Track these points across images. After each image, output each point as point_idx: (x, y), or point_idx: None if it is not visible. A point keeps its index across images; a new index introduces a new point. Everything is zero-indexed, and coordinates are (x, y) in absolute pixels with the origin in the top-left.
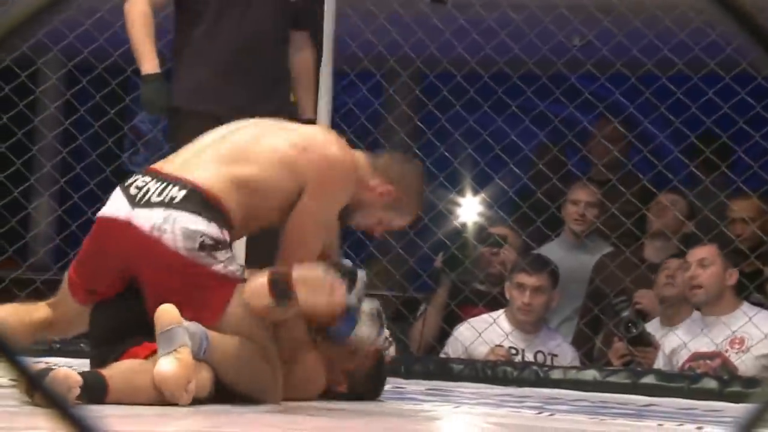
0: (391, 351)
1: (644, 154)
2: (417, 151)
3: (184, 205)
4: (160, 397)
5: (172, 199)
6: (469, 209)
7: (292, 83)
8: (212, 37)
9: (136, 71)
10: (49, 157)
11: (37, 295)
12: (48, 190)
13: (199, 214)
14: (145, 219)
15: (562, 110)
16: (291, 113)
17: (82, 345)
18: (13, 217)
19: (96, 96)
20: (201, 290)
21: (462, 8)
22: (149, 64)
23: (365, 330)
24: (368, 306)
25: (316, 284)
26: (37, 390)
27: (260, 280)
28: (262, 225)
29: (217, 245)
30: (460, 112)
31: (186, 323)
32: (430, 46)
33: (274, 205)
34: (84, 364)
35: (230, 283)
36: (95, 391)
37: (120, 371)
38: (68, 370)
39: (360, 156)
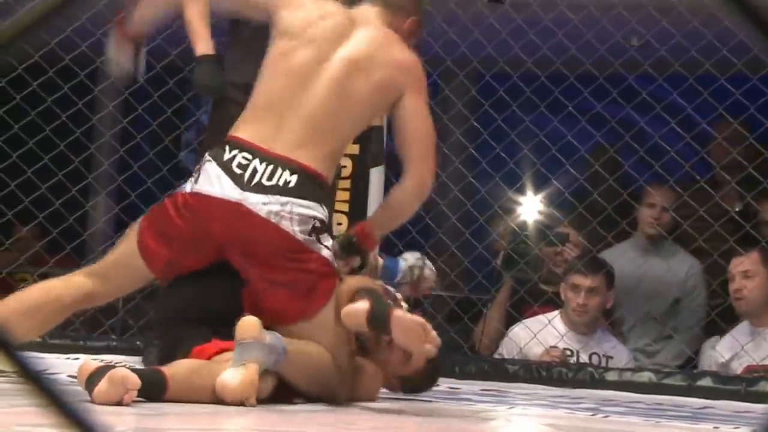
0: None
1: (702, 155)
2: (473, 152)
3: (298, 190)
4: (217, 400)
5: (287, 183)
6: (528, 209)
7: None
8: (262, 35)
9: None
10: (107, 155)
11: None
12: (106, 188)
13: (312, 198)
14: (261, 204)
15: (619, 111)
16: None
17: (138, 343)
18: (70, 215)
19: (154, 95)
20: (311, 275)
21: (519, 8)
22: (204, 45)
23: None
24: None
25: (413, 329)
26: (37, 386)
27: (361, 307)
28: None
29: (323, 228)
30: (516, 112)
31: (267, 335)
32: (487, 46)
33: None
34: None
35: (333, 275)
36: (154, 389)
37: (181, 371)
38: (126, 371)
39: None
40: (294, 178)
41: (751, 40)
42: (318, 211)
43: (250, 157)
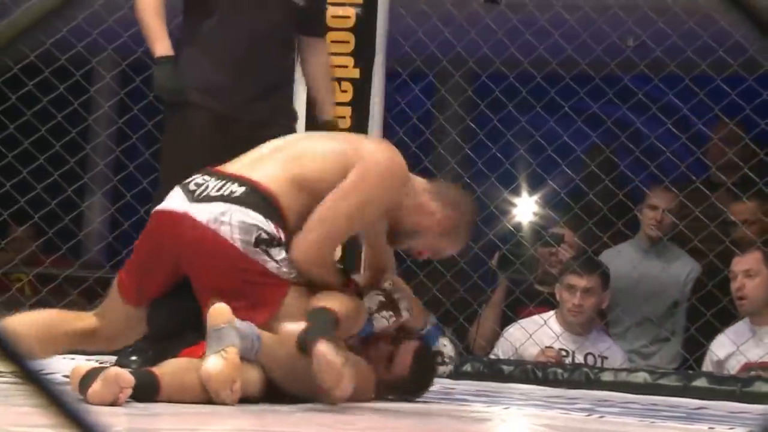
0: (448, 369)
1: (698, 156)
2: (469, 152)
3: (242, 199)
4: (209, 396)
5: (232, 193)
6: (524, 209)
7: (311, 86)
8: (221, 33)
9: None
10: (103, 155)
11: (90, 293)
12: (101, 188)
13: (257, 209)
14: (203, 212)
15: (615, 111)
16: (291, 117)
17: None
18: (66, 215)
19: (149, 95)
20: (255, 287)
21: (515, 8)
22: (161, 46)
23: (380, 325)
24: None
25: (327, 372)
26: (36, 386)
27: (293, 329)
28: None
29: (273, 241)
30: (512, 112)
31: (238, 323)
32: (483, 46)
33: None
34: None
35: (284, 282)
36: (147, 389)
37: (171, 370)
38: (120, 369)
39: (421, 180)
40: (240, 189)
41: (748, 41)
42: (262, 222)
43: (208, 177)
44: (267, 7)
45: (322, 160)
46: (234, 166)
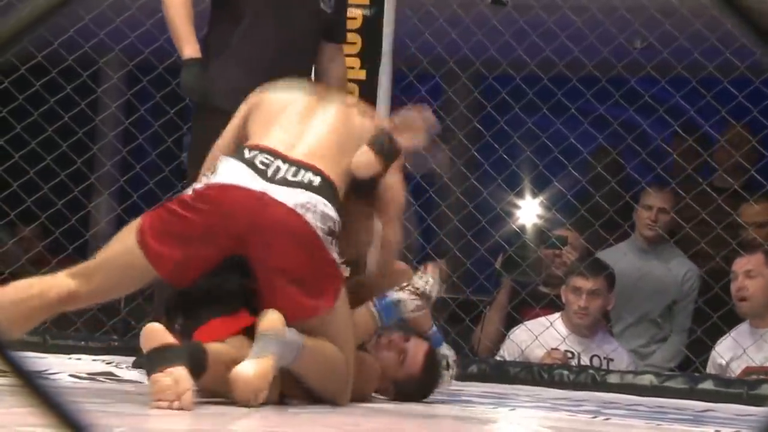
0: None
1: (705, 158)
2: (475, 154)
3: (321, 191)
4: (229, 390)
5: (311, 182)
6: (529, 211)
7: None
8: (248, 39)
9: None
10: (110, 156)
11: None
12: (108, 189)
13: (332, 202)
14: (287, 196)
15: (621, 113)
16: None
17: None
18: (73, 216)
19: (156, 96)
20: (323, 275)
21: (522, 10)
22: (190, 48)
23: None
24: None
25: (414, 126)
26: (30, 387)
27: (366, 149)
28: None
29: (336, 235)
30: (519, 114)
31: (287, 331)
32: (490, 47)
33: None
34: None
35: (342, 276)
36: (197, 368)
37: (217, 358)
38: (185, 375)
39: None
40: (317, 179)
41: (751, 43)
42: (335, 215)
43: (271, 158)
44: (295, 13)
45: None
46: (289, 148)
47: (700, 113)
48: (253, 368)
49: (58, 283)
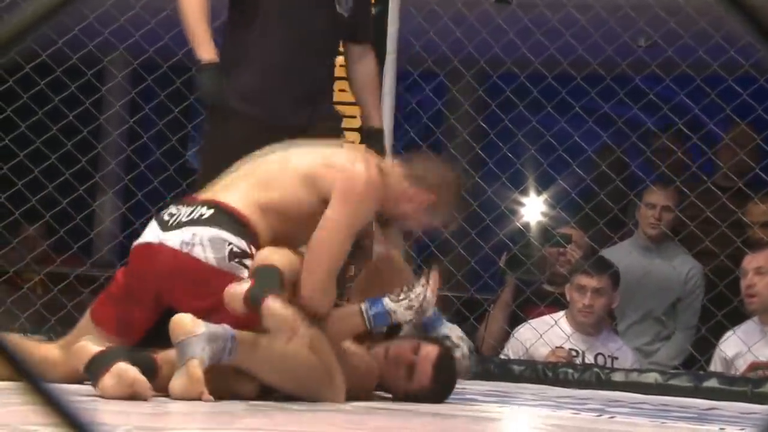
0: (463, 351)
1: (709, 156)
2: (480, 152)
3: (211, 220)
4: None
5: (201, 216)
6: (533, 209)
7: (356, 93)
8: (263, 41)
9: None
10: (114, 154)
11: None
12: (112, 187)
13: (226, 228)
14: (175, 238)
15: (626, 111)
16: (334, 125)
17: None
18: (77, 214)
19: (161, 94)
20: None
21: (526, 8)
22: (206, 50)
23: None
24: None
25: (280, 322)
26: (34, 386)
27: (239, 288)
28: (294, 246)
29: (245, 255)
30: (523, 112)
31: (206, 328)
32: (494, 46)
33: (302, 226)
34: None
35: None
36: (147, 374)
37: (170, 359)
38: (128, 369)
39: (395, 168)
40: (209, 212)
41: (755, 42)
42: (232, 238)
43: (181, 206)
44: (308, 15)
45: (291, 185)
46: (205, 193)
47: (705, 112)
48: (179, 380)
49: (44, 346)
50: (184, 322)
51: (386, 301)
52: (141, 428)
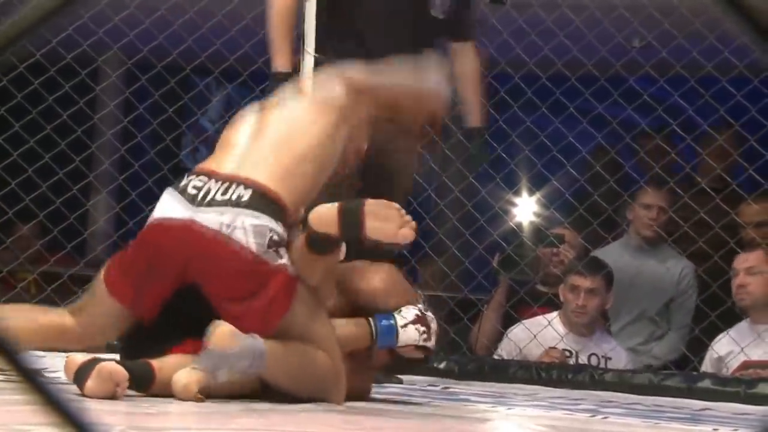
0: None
1: (702, 158)
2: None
3: (252, 203)
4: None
5: (240, 197)
6: (526, 209)
7: (460, 90)
8: (357, 54)
9: (195, 70)
10: (108, 154)
11: None
12: (106, 187)
13: (267, 213)
14: (212, 218)
15: (620, 112)
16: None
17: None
18: (71, 214)
19: (155, 94)
20: (269, 286)
21: (521, 9)
22: (281, 61)
23: (408, 338)
24: (409, 314)
25: (388, 215)
26: (33, 385)
27: (329, 208)
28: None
29: (281, 243)
30: (517, 113)
31: (243, 344)
32: (488, 46)
33: (326, 159)
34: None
35: (294, 278)
36: (142, 381)
37: (169, 365)
38: (113, 365)
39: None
40: (248, 193)
41: (750, 42)
42: (273, 224)
43: (205, 179)
44: (401, 25)
45: (312, 125)
46: (227, 165)
47: (698, 112)
48: (179, 380)
49: (51, 313)
50: (224, 333)
51: (404, 321)
52: (137, 428)
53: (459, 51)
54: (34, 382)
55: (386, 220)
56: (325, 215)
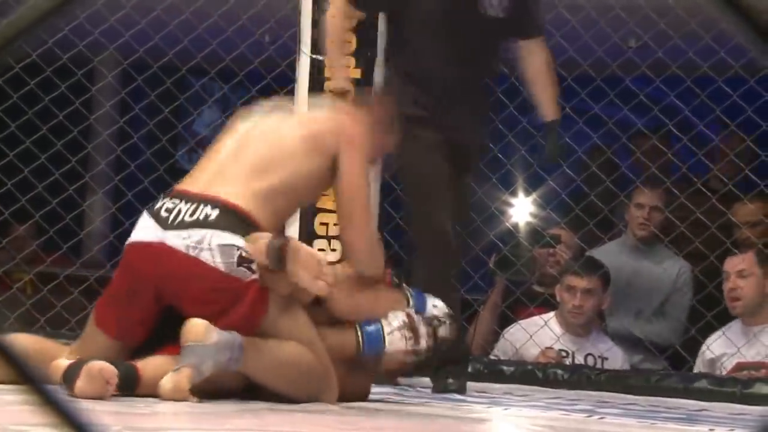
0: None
1: (699, 157)
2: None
3: (218, 222)
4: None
5: (207, 217)
6: (523, 210)
7: (531, 87)
8: (416, 56)
9: (191, 70)
10: (104, 155)
11: (90, 292)
12: (102, 187)
13: (234, 230)
14: (180, 239)
15: (616, 112)
16: (485, 137)
17: None
18: (67, 215)
19: (151, 94)
20: (240, 301)
21: None
22: (338, 78)
23: (395, 345)
24: (395, 320)
25: (307, 262)
26: (30, 385)
27: (264, 240)
28: (292, 213)
29: (252, 260)
30: (513, 113)
31: (221, 336)
32: None
33: (308, 192)
34: None
35: (265, 290)
36: (128, 382)
37: (153, 365)
38: (103, 363)
39: (360, 109)
40: (215, 212)
41: (748, 42)
42: (241, 242)
43: (177, 200)
44: (459, 26)
45: (291, 159)
46: (198, 185)
47: (695, 113)
48: (168, 384)
49: (58, 349)
50: (198, 327)
51: (391, 328)
52: (131, 428)
53: (526, 48)
54: (31, 382)
55: (305, 268)
56: (258, 247)
